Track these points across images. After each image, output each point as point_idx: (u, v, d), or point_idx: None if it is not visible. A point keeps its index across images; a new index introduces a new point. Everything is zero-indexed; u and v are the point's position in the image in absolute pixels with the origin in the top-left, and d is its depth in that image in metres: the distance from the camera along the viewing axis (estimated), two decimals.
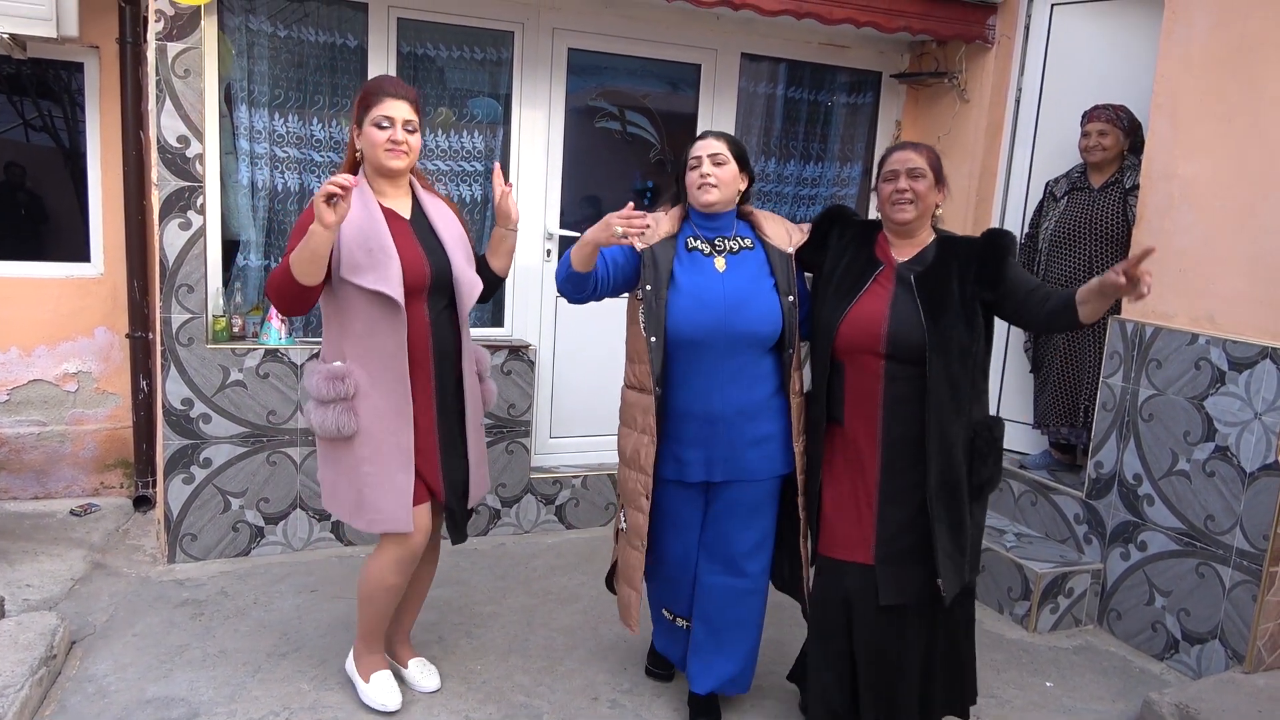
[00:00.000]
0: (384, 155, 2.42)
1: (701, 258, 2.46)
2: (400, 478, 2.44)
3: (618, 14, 3.98)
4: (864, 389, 2.37)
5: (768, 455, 2.48)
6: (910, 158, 2.37)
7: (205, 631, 3.04)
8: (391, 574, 2.53)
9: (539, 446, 4.21)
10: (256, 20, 3.58)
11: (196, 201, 3.43)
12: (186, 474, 3.52)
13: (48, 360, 4.02)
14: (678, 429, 2.45)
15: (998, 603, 3.58)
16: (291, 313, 2.42)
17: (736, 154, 2.46)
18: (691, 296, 2.40)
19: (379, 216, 2.42)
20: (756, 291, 2.43)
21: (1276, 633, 3.01)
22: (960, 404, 2.32)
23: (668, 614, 2.71)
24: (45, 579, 3.31)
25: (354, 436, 2.42)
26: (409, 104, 2.45)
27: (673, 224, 2.50)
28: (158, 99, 3.33)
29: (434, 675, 2.80)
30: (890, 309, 2.34)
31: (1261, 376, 2.96)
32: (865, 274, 2.40)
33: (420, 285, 2.44)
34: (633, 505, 2.51)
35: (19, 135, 4.09)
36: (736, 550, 2.52)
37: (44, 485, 4.09)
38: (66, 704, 2.59)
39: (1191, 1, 3.23)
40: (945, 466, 2.31)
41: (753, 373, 2.44)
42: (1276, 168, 2.97)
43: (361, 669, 2.68)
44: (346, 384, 2.40)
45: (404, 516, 2.45)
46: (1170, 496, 3.25)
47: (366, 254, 2.36)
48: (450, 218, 2.60)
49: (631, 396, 2.51)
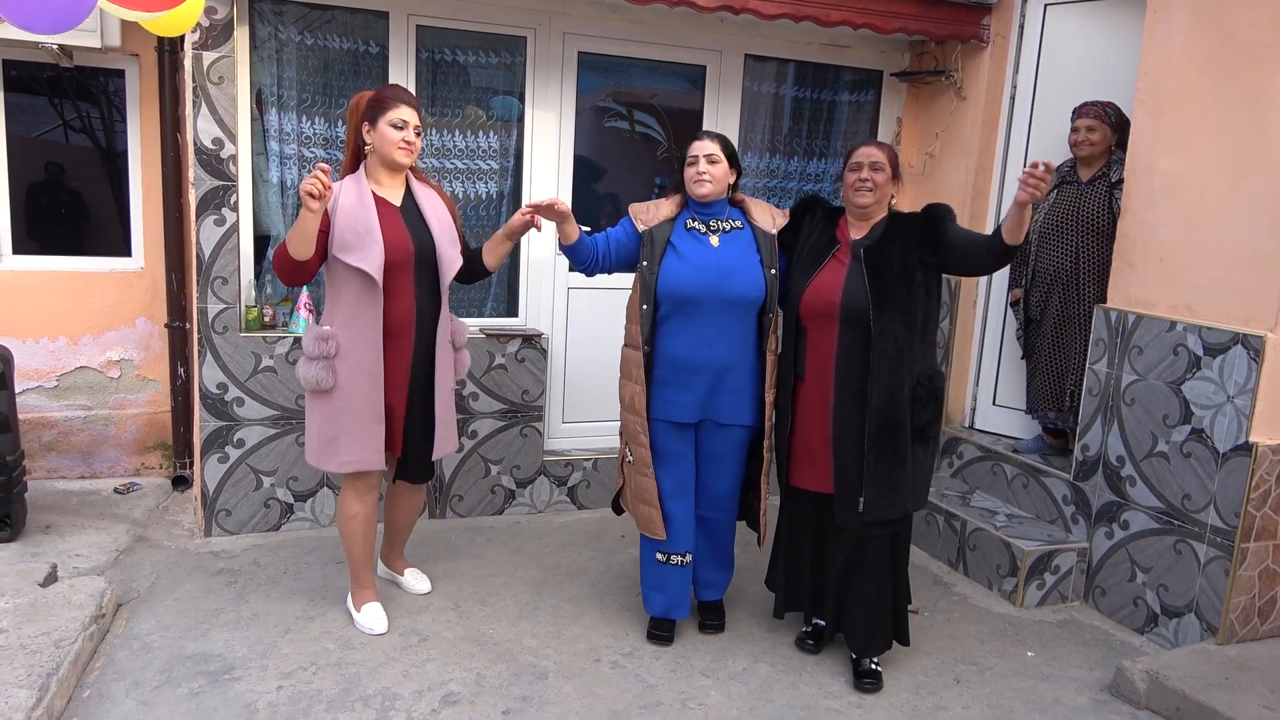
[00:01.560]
0: (397, 152, 2.87)
1: (699, 235, 2.95)
2: (373, 426, 2.91)
3: (626, 18, 4.17)
4: (821, 349, 2.83)
5: (741, 404, 2.97)
6: (873, 153, 2.84)
7: (239, 597, 3.29)
8: (353, 503, 3.02)
9: (552, 431, 4.43)
10: (285, 29, 3.82)
11: (230, 199, 3.67)
12: (221, 454, 3.77)
13: (93, 348, 4.30)
14: (673, 376, 2.92)
15: (986, 579, 3.74)
16: (292, 283, 2.86)
17: (728, 153, 2.96)
18: (690, 263, 2.89)
19: (370, 204, 2.84)
20: (745, 264, 2.91)
21: (1248, 606, 3.15)
22: (903, 356, 2.72)
23: (663, 557, 3.06)
24: (92, 550, 3.58)
25: (332, 390, 2.87)
26: (416, 111, 2.91)
27: (673, 208, 3.00)
28: (194, 104, 3.58)
29: (425, 581, 3.42)
30: (845, 280, 2.79)
31: (1234, 361, 3.10)
32: (825, 251, 2.88)
33: (403, 260, 2.86)
34: (635, 442, 2.99)
35: (59, 136, 4.36)
36: (720, 490, 3.08)
37: (89, 465, 4.37)
38: (114, 658, 2.84)
39: (1172, 1, 3.36)
40: (886, 409, 2.72)
41: (737, 331, 2.92)
42: (1249, 161, 3.10)
43: (355, 601, 3.16)
44: (329, 344, 2.84)
45: (375, 458, 2.94)
46: (1150, 477, 3.39)
47: (355, 236, 2.79)
48: (439, 205, 3.01)
49: (629, 353, 3.00)
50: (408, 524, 3.39)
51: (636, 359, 2.95)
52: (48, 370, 4.24)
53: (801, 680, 2.95)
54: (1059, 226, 3.82)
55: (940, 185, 4.52)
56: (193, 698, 2.66)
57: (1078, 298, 3.80)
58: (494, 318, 4.32)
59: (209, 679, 2.76)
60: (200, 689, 2.71)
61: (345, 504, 3.05)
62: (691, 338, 2.89)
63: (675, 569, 3.07)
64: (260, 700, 2.67)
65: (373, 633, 3.07)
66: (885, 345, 2.70)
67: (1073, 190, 3.83)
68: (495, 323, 4.28)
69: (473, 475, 4.17)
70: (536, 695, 2.79)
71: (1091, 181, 3.78)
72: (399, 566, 3.44)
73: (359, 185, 2.87)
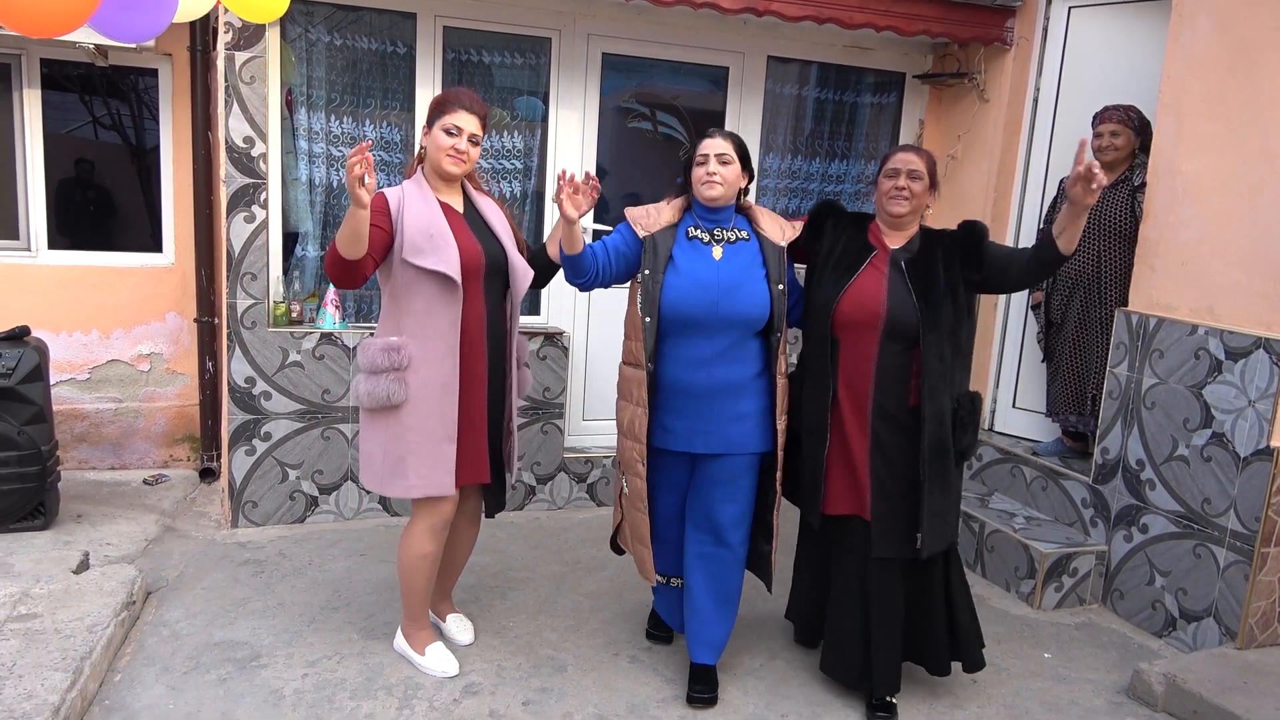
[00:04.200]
0: (445, 160, 2.66)
1: (701, 245, 2.67)
2: (445, 447, 2.65)
3: (649, 20, 4.21)
4: (857, 364, 2.62)
5: (747, 431, 2.68)
6: (912, 160, 2.64)
7: (265, 587, 3.35)
8: (427, 541, 2.73)
9: (572, 428, 4.47)
10: (315, 30, 3.88)
11: (260, 197, 3.74)
12: (249, 446, 3.84)
13: (124, 342, 4.39)
14: (667, 400, 2.67)
15: (1005, 581, 3.75)
16: (344, 285, 2.61)
17: (740, 154, 2.67)
18: (689, 278, 2.62)
19: (437, 208, 2.65)
20: (749, 278, 2.64)
21: (1268, 611, 3.14)
22: (948, 377, 2.58)
23: (660, 579, 2.91)
24: (123, 539, 3.66)
25: (401, 406, 2.62)
26: (479, 119, 2.69)
27: (675, 214, 2.72)
28: (226, 103, 3.65)
29: (469, 630, 3.08)
30: (887, 290, 2.60)
31: (1255, 365, 3.09)
32: (861, 256, 2.66)
33: (476, 269, 2.65)
34: (631, 472, 2.71)
35: (88, 133, 4.45)
36: (720, 521, 2.71)
37: (119, 457, 4.46)
38: (144, 644, 2.91)
39: (1196, 5, 3.36)
40: (937, 433, 2.57)
41: (740, 353, 2.65)
42: (1272, 165, 3.10)
43: (415, 644, 2.89)
44: (401, 355, 2.60)
45: (447, 481, 2.67)
46: (1170, 481, 3.39)
47: (428, 239, 2.58)
48: (499, 213, 2.83)
49: (628, 372, 2.73)
50: (463, 561, 3.08)
51: (637, 378, 2.66)
52: (80, 363, 4.34)
53: (816, 677, 2.97)
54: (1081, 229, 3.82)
55: (962, 188, 4.53)
56: (220, 684, 2.72)
57: (1099, 301, 3.80)
58: None
59: (236, 666, 2.82)
60: (228, 675, 2.77)
61: (417, 541, 2.74)
62: (687, 359, 2.63)
63: (671, 590, 2.94)
64: (286, 687, 2.73)
65: (446, 676, 2.83)
66: (933, 365, 2.55)
67: None
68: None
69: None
70: (555, 687, 2.83)
71: (1114, 185, 3.78)
72: (443, 610, 3.11)
73: (421, 189, 2.68)
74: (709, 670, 2.83)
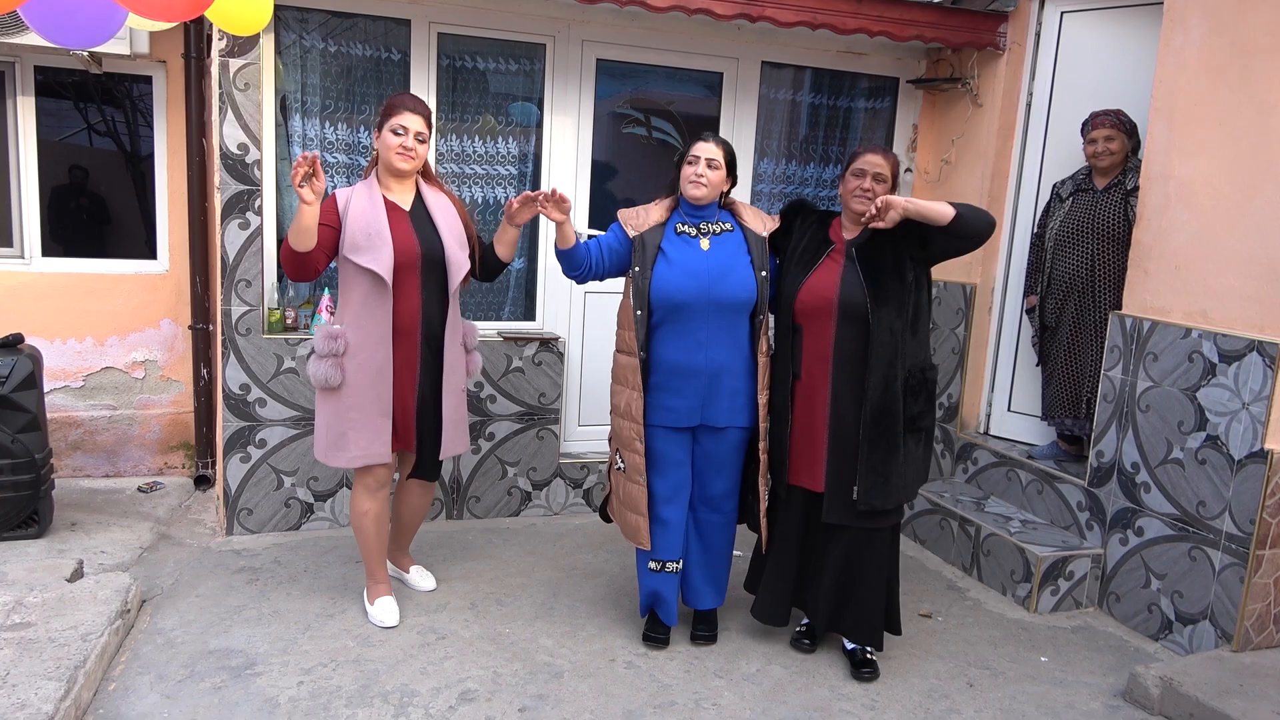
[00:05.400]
0: (394, 157, 2.95)
1: (689, 239, 2.95)
2: (380, 421, 3.00)
3: (644, 26, 4.22)
4: (818, 347, 2.89)
5: (738, 407, 2.98)
6: (878, 163, 2.88)
7: (260, 594, 3.34)
8: (364, 500, 3.10)
9: (568, 434, 4.47)
10: (309, 37, 3.89)
11: (254, 203, 3.74)
12: (244, 453, 3.83)
13: (119, 349, 4.38)
14: (669, 381, 2.92)
15: (1001, 585, 3.75)
16: (298, 278, 2.97)
17: (728, 160, 2.94)
18: (680, 268, 2.89)
19: (380, 207, 2.95)
20: (735, 266, 2.92)
21: (1263, 613, 3.15)
22: (897, 348, 2.80)
23: (656, 565, 3.05)
24: (117, 547, 3.65)
25: (340, 387, 2.96)
26: (423, 119, 2.99)
27: (663, 213, 3.00)
28: (220, 110, 3.65)
29: (430, 579, 3.47)
30: (840, 279, 2.86)
31: (1249, 368, 3.10)
32: (820, 251, 2.94)
33: (411, 263, 2.95)
34: (628, 449, 2.99)
35: (81, 140, 4.44)
36: (716, 493, 3.07)
37: (114, 464, 4.45)
38: (139, 652, 2.90)
39: (1188, 9, 3.37)
40: (880, 399, 2.81)
41: (730, 334, 2.93)
42: (1264, 169, 3.11)
43: (369, 595, 3.26)
44: (338, 342, 2.94)
45: (382, 451, 3.02)
46: (1165, 484, 3.40)
47: (365, 238, 2.90)
48: (448, 209, 3.10)
49: (622, 359, 3.00)
50: (414, 522, 3.43)
51: (631, 365, 2.94)
52: (75, 370, 4.33)
53: (814, 682, 2.97)
54: (1075, 233, 3.83)
55: (956, 192, 4.54)
56: (215, 692, 2.71)
57: (1093, 304, 3.81)
58: (511, 321, 4.37)
59: (231, 674, 2.81)
60: (223, 683, 2.76)
61: (356, 501, 3.13)
62: (686, 342, 2.89)
63: (668, 576, 3.07)
64: (281, 695, 2.72)
65: (383, 625, 3.15)
66: (882, 337, 2.78)
67: (1088, 197, 3.84)
68: (513, 326, 4.33)
69: (490, 477, 4.22)
70: (552, 694, 2.82)
71: (1108, 189, 3.79)
72: (404, 564, 3.50)
73: (370, 189, 3.00)
74: (710, 614, 3.21)
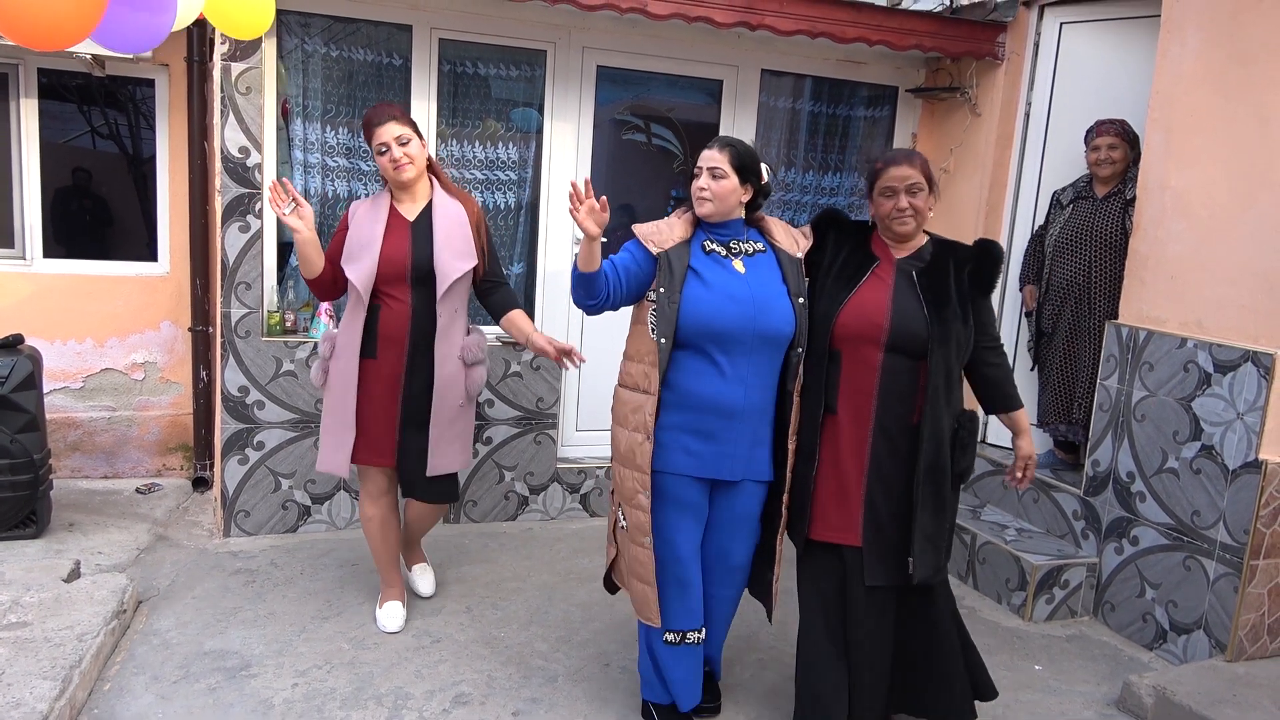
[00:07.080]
0: (394, 173, 2.94)
1: (720, 259, 2.51)
2: (343, 433, 2.98)
3: (644, 33, 4.24)
4: (859, 379, 2.45)
5: (762, 458, 2.54)
6: (908, 174, 2.44)
7: (257, 596, 3.35)
8: (366, 505, 3.13)
9: (565, 439, 4.48)
10: (311, 42, 3.91)
11: (255, 207, 3.76)
12: (242, 455, 3.84)
13: (118, 351, 4.39)
14: (695, 421, 2.45)
15: (996, 593, 3.75)
16: (325, 297, 3.11)
17: (738, 166, 2.48)
18: (720, 292, 2.44)
19: (381, 219, 2.96)
20: (775, 293, 2.48)
21: (1257, 623, 3.15)
22: (950, 395, 2.45)
23: (674, 637, 2.55)
24: (114, 548, 3.65)
25: (325, 389, 3.05)
26: (395, 121, 2.92)
27: (686, 228, 2.53)
28: (222, 113, 3.67)
29: (429, 582, 3.46)
30: (892, 301, 2.44)
31: (1244, 378, 3.11)
32: (864, 267, 2.49)
33: (398, 273, 2.92)
34: (631, 504, 2.50)
35: (84, 142, 4.46)
36: (735, 563, 2.61)
37: (112, 465, 4.46)
38: (135, 653, 2.91)
39: (1185, 21, 3.39)
40: (934, 453, 2.42)
41: (769, 371, 2.49)
42: (1260, 179, 3.12)
43: (381, 598, 3.26)
44: (328, 345, 3.03)
45: (340, 462, 3.00)
46: (1160, 493, 3.40)
47: (359, 249, 2.94)
48: (454, 218, 3.01)
49: (626, 395, 2.53)
50: (419, 531, 3.40)
51: (638, 403, 2.47)
52: (74, 371, 4.34)
53: None
54: (1073, 241, 3.85)
55: (955, 201, 4.55)
56: (210, 693, 2.72)
57: (1089, 312, 3.82)
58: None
59: (226, 675, 2.82)
60: (218, 685, 2.76)
61: (360, 505, 3.17)
62: (725, 378, 2.43)
63: (689, 650, 2.57)
64: (276, 697, 2.72)
65: (384, 630, 3.16)
66: (938, 381, 2.40)
67: (1088, 206, 3.86)
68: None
69: (487, 481, 4.23)
70: (546, 698, 2.83)
71: (1107, 198, 3.81)
72: (408, 560, 3.48)
73: (377, 201, 3.02)
74: (712, 681, 2.83)
